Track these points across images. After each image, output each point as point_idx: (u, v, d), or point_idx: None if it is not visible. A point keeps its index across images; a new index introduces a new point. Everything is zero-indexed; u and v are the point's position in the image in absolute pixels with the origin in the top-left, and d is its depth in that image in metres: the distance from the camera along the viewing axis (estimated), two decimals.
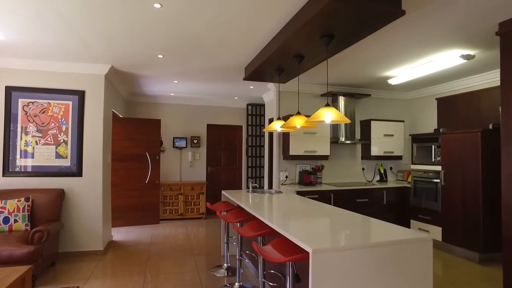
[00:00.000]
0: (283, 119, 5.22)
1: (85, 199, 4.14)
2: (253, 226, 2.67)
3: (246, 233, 2.48)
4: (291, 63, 3.57)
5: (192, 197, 6.59)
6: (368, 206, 5.09)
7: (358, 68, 4.40)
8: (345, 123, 4.96)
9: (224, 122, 7.28)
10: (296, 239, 1.83)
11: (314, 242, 1.80)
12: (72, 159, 4.06)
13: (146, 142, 6.05)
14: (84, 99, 4.15)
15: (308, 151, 5.10)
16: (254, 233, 2.44)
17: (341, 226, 2.24)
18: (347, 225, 2.28)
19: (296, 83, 5.21)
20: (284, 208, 2.99)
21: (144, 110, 6.73)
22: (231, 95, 6.45)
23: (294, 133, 5.02)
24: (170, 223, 6.29)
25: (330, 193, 4.86)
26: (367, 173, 5.86)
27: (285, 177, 5.24)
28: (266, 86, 5.50)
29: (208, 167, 7.20)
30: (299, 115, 3.26)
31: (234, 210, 3.39)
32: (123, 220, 5.87)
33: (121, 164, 5.84)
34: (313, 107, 5.48)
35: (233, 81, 5.15)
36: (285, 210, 2.91)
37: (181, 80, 5.14)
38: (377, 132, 5.57)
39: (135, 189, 5.97)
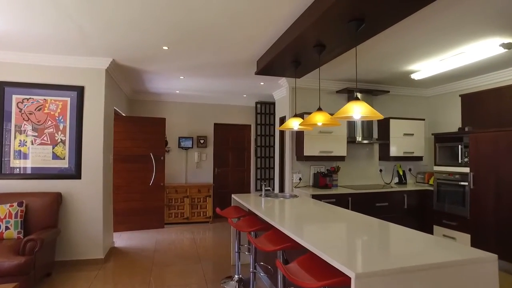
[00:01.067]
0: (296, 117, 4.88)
1: (85, 203, 3.83)
2: (272, 238, 2.33)
3: (265, 246, 2.14)
4: (310, 54, 3.23)
5: (198, 200, 6.27)
6: (388, 210, 4.73)
7: (377, 62, 4.04)
8: (377, 119, 4.57)
9: (232, 121, 6.95)
10: (335, 261, 1.49)
11: (356, 263, 1.45)
12: (70, 160, 3.75)
13: (150, 142, 5.74)
14: (83, 95, 3.84)
15: (323, 152, 4.75)
16: (274, 247, 2.10)
17: (378, 239, 1.89)
18: (385, 237, 1.93)
19: (310, 78, 4.87)
20: (304, 216, 2.65)
21: (148, 109, 6.43)
22: (240, 92, 6.12)
23: (309, 132, 4.67)
24: (175, 227, 5.97)
25: (348, 197, 4.50)
26: (385, 175, 5.49)
27: (298, 180, 4.89)
28: (277, 82, 5.16)
29: (215, 168, 6.88)
30: (320, 111, 2.91)
31: (247, 217, 3.05)
32: (126, 224, 5.56)
33: (123, 165, 5.53)
34: (328, 104, 5.13)
35: (243, 76, 4.81)
36: (307, 218, 2.56)
37: (187, 76, 4.82)
38: (396, 131, 5.20)
39: (139, 192, 5.66)
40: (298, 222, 2.39)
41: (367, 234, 2.04)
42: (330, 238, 1.94)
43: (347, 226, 2.27)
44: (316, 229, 2.16)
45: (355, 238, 1.96)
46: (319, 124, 2.92)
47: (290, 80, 4.87)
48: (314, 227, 2.22)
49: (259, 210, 2.89)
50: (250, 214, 3.30)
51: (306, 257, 1.82)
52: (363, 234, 2.05)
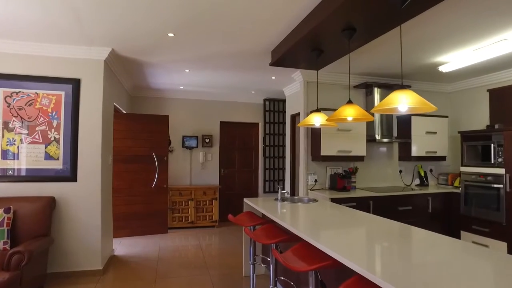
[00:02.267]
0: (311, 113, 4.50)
1: (81, 209, 3.45)
2: (302, 253, 1.94)
3: (297, 265, 1.76)
4: (336, 41, 2.84)
5: (204, 203, 5.89)
6: (411, 214, 4.34)
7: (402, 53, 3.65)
8: (429, 111, 4.17)
9: (239, 119, 6.57)
10: None
11: None
12: (65, 160, 3.38)
13: (152, 141, 5.36)
14: (80, 89, 3.46)
15: (342, 151, 4.36)
16: (308, 266, 1.72)
17: (436, 257, 1.50)
18: (444, 253, 1.54)
19: (325, 72, 4.49)
20: (336, 225, 2.27)
21: (150, 106, 6.05)
22: (248, 88, 5.73)
23: (326, 130, 4.29)
24: (179, 232, 5.59)
25: (369, 200, 4.12)
26: (404, 176, 5.11)
27: (314, 181, 4.51)
28: (290, 76, 4.78)
29: (221, 169, 6.49)
30: (351, 104, 2.52)
31: (265, 226, 2.67)
32: (127, 229, 5.18)
33: (124, 166, 5.16)
34: (344, 99, 4.72)
35: (254, 69, 4.43)
36: (340, 228, 2.18)
37: (193, 69, 4.44)
38: (418, 129, 4.81)
39: (140, 195, 5.28)
40: (332, 234, 2.01)
41: (420, 249, 1.65)
42: (384, 256, 1.56)
43: (388, 237, 1.89)
44: (357, 244, 1.78)
45: (407, 255, 1.57)
46: (349, 119, 2.54)
47: (305, 74, 4.49)
48: (354, 241, 1.84)
49: (281, 218, 2.50)
50: (266, 221, 2.92)
51: (354, 280, 1.44)
52: (413, 249, 1.66)
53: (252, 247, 3.10)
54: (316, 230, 2.13)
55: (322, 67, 3.72)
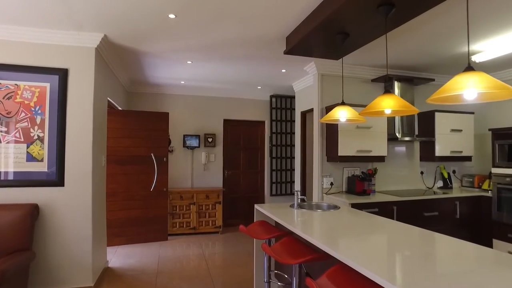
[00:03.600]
0: (327, 110, 4.08)
1: (69, 217, 3.01)
2: (340, 279, 1.52)
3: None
4: (367, 20, 2.42)
5: (206, 207, 5.46)
6: (438, 221, 3.92)
7: (428, 42, 3.22)
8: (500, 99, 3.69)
9: (243, 116, 6.13)
10: None
11: None
12: (50, 162, 2.94)
13: (151, 141, 4.92)
14: (67, 80, 3.03)
15: (361, 151, 3.93)
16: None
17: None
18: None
19: (340, 64, 4.06)
20: (375, 242, 1.83)
21: (148, 103, 5.61)
22: (254, 83, 5.30)
23: (344, 128, 3.86)
24: (180, 239, 5.16)
25: (393, 205, 3.70)
26: (426, 178, 4.68)
27: (329, 185, 4.08)
28: (303, 68, 4.34)
29: (225, 170, 6.06)
30: (389, 95, 2.09)
31: (285, 240, 2.24)
32: (124, 237, 4.74)
33: (120, 168, 4.72)
34: (361, 95, 4.32)
35: (264, 60, 4.00)
36: (379, 244, 1.75)
37: (196, 60, 4.00)
38: (442, 126, 4.39)
39: (138, 199, 4.84)
40: (377, 254, 1.57)
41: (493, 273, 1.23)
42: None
43: (444, 255, 1.46)
44: (420, 270, 1.35)
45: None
46: (387, 111, 2.11)
47: (320, 66, 4.06)
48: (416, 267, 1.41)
49: (306, 231, 2.07)
50: (285, 233, 2.49)
51: None
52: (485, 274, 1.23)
53: (266, 262, 2.68)
54: (356, 249, 1.70)
55: (344, 55, 3.29)
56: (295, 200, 3.02)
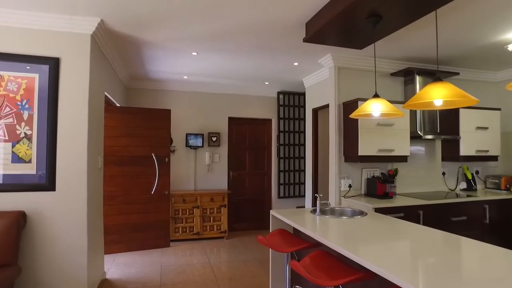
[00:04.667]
0: (344, 106, 3.75)
1: (61, 225, 2.66)
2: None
3: None
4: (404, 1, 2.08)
5: (211, 211, 5.11)
6: (466, 226, 3.59)
7: (459, 30, 2.89)
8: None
9: (249, 114, 5.79)
10: None
11: None
12: (39, 163, 2.59)
13: (152, 140, 4.57)
14: (59, 71, 2.68)
15: (383, 150, 3.60)
16: None
17: None
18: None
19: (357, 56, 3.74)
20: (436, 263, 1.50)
21: (149, 100, 5.26)
22: (262, 78, 4.96)
23: (364, 125, 3.53)
24: (183, 245, 4.81)
25: (419, 210, 3.37)
26: (447, 179, 4.36)
27: (348, 187, 3.74)
28: (317, 61, 4.01)
29: (230, 171, 5.72)
30: (441, 83, 1.75)
31: (315, 254, 1.90)
32: (123, 244, 4.39)
33: (118, 169, 4.37)
34: (379, 89, 3.98)
35: (277, 52, 3.66)
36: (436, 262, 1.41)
37: (202, 51, 3.65)
38: (468, 124, 4.06)
39: (138, 202, 4.49)
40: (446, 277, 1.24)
41: None
42: None
43: None
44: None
45: None
46: (437, 103, 1.77)
47: (337, 58, 3.73)
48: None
49: (348, 247, 1.74)
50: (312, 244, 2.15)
51: None
52: None
53: (288, 276, 2.34)
54: (408, 268, 1.36)
55: (370, 43, 2.94)
56: (317, 206, 2.68)
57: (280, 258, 2.86)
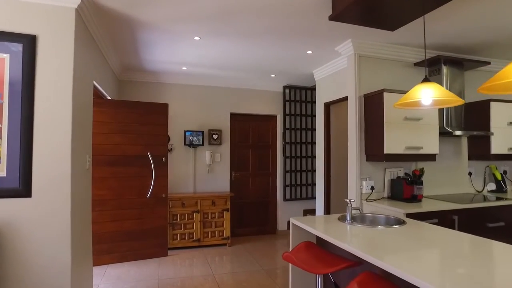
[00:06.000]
0: (365, 99, 3.34)
1: (38, 238, 2.20)
2: None
3: None
4: None
5: (212, 216, 4.66)
6: (504, 232, 3.20)
7: (498, 12, 2.50)
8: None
9: (253, 110, 5.35)
10: None
11: None
12: (10, 164, 2.12)
13: (148, 137, 4.11)
14: (35, 51, 2.21)
15: (411, 148, 3.20)
16: None
17: None
18: None
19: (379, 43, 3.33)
20: None
21: (143, 93, 4.79)
22: (269, 70, 4.52)
23: (391, 120, 3.12)
24: (183, 253, 4.35)
25: (453, 215, 2.97)
26: (474, 180, 3.98)
27: (370, 189, 3.33)
28: (334, 49, 3.58)
29: (232, 172, 5.27)
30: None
31: (363, 279, 1.47)
32: (115, 254, 3.92)
33: (109, 170, 3.89)
34: (401, 81, 3.58)
35: (290, 36, 3.23)
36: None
37: (205, 35, 3.20)
38: (499, 119, 3.68)
39: (132, 207, 4.02)
40: None
41: None
42: None
43: None
44: None
45: None
46: None
47: (358, 45, 3.31)
48: None
49: (419, 275, 1.31)
50: (351, 262, 1.72)
51: None
52: None
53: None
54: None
55: (405, 23, 2.52)
56: (348, 212, 2.25)
57: (305, 277, 2.43)
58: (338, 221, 2.31)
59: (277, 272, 3.72)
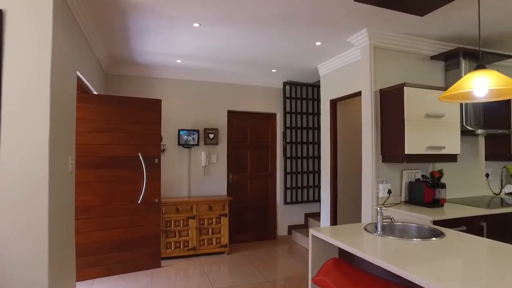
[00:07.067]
0: (382, 94, 3.04)
1: (7, 256, 1.80)
2: None
3: None
4: None
5: (209, 222, 4.30)
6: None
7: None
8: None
9: (252, 108, 5.01)
10: None
11: None
12: None
13: (138, 136, 3.72)
14: (2, 31, 1.81)
15: (432, 148, 2.91)
16: None
17: None
18: None
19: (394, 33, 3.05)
20: None
21: (133, 88, 4.39)
22: (270, 64, 4.19)
23: (412, 117, 2.84)
24: (177, 264, 3.97)
25: (481, 221, 2.69)
26: (491, 181, 3.74)
27: (387, 193, 3.03)
28: (346, 40, 3.28)
29: (230, 174, 4.91)
30: None
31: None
32: (102, 267, 3.51)
33: (96, 173, 3.49)
34: (418, 75, 3.30)
35: (300, 25, 2.90)
36: None
37: (206, 21, 2.84)
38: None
39: (121, 214, 3.62)
40: None
41: None
42: None
43: None
44: None
45: None
46: None
47: (373, 34, 3.01)
48: None
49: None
50: (393, 284, 1.40)
51: None
52: None
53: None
54: None
55: (436, 7, 2.22)
56: (378, 222, 1.93)
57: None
58: (366, 232, 1.99)
59: (283, 285, 3.39)
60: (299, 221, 5.22)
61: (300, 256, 4.31)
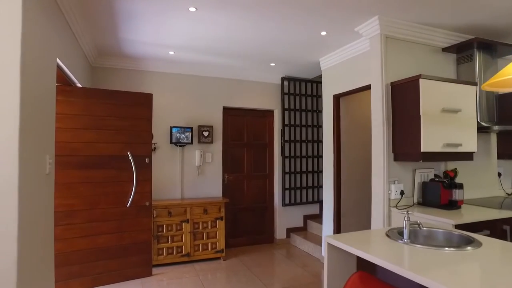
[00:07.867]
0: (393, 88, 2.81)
1: None
2: None
3: None
4: None
5: (204, 226, 4.01)
6: None
7: None
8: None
9: (248, 104, 4.74)
10: None
11: None
12: None
13: (127, 134, 3.41)
14: None
15: (449, 145, 2.69)
16: None
17: None
18: None
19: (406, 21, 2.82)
20: None
21: (121, 83, 4.07)
22: (270, 56, 3.93)
23: (428, 111, 2.61)
24: (170, 272, 3.67)
25: (504, 225, 2.49)
26: (503, 181, 3.56)
27: (399, 194, 2.80)
28: (353, 29, 3.04)
29: (225, 174, 4.63)
30: None
31: None
32: (87, 277, 3.19)
33: (80, 174, 3.16)
34: (430, 68, 3.09)
35: (306, 10, 2.64)
36: None
37: (204, 5, 2.56)
38: None
39: (108, 219, 3.31)
40: None
41: None
42: None
43: None
44: None
45: None
46: None
47: (385, 23, 2.78)
48: None
49: None
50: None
51: None
52: None
53: None
54: None
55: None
56: (405, 228, 1.69)
57: None
58: (389, 239, 1.74)
59: None
60: (298, 223, 4.97)
61: (300, 261, 4.06)
